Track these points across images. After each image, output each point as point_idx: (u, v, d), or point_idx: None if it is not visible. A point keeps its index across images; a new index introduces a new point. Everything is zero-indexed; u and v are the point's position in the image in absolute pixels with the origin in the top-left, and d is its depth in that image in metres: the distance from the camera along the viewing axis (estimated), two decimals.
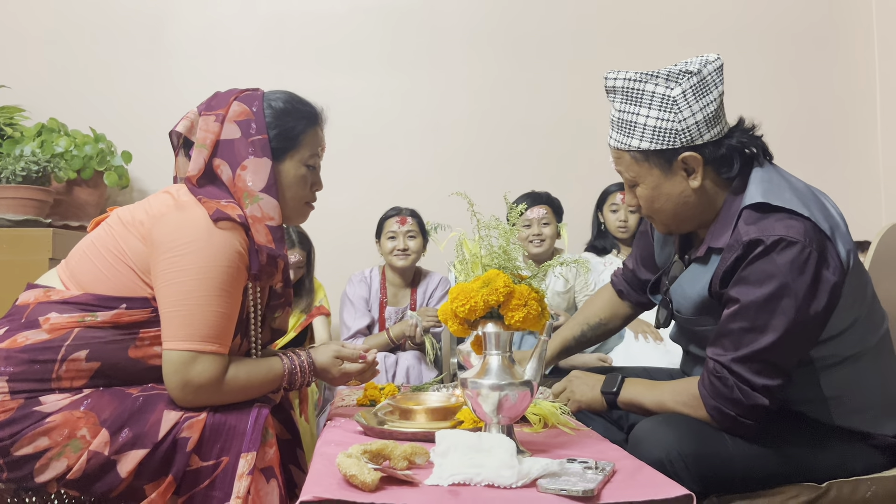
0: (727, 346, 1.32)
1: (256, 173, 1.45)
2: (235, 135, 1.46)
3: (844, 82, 3.72)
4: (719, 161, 1.40)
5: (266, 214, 1.44)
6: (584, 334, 1.86)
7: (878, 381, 1.42)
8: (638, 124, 1.39)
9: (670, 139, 1.37)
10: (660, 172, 1.41)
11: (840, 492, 1.36)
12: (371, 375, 1.62)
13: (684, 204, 1.43)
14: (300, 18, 3.49)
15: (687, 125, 1.36)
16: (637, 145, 1.40)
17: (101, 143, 3.03)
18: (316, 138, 1.55)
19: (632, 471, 1.16)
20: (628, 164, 1.43)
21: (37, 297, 1.40)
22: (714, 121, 1.38)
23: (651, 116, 1.37)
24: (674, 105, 1.35)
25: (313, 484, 1.04)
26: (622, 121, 1.41)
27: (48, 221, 2.80)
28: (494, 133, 3.55)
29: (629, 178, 1.45)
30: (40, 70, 3.34)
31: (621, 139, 1.42)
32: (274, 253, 1.43)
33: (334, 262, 3.26)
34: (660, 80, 1.37)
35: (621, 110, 1.41)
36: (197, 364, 1.32)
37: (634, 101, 1.39)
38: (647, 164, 1.41)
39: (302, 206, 1.55)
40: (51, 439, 1.29)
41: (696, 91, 1.35)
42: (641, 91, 1.38)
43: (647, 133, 1.38)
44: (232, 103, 1.48)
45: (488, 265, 1.29)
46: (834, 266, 1.29)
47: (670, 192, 1.42)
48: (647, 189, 1.44)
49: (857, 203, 3.64)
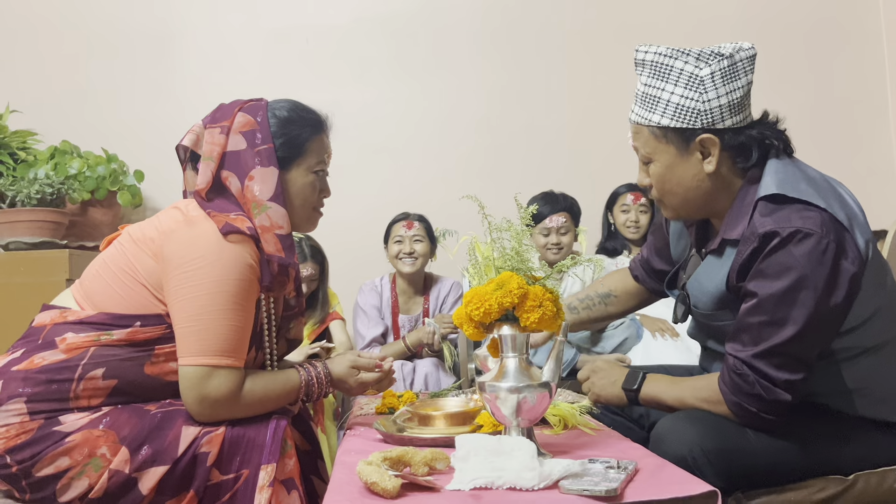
0: (746, 341, 1.31)
1: (264, 182, 1.45)
2: (241, 146, 1.47)
3: (855, 70, 3.69)
4: (737, 149, 1.38)
5: (275, 223, 1.44)
6: (589, 297, 1.82)
7: None
8: (662, 100, 1.37)
9: (691, 118, 1.36)
10: (676, 151, 1.40)
11: (867, 483, 1.34)
12: (388, 384, 1.62)
13: (696, 188, 1.41)
14: (304, 31, 3.51)
15: (710, 107, 1.35)
16: (657, 121, 1.38)
17: (113, 164, 3.07)
18: (322, 145, 1.55)
19: (654, 469, 1.15)
20: (646, 139, 1.42)
21: (53, 318, 1.41)
22: (738, 108, 1.37)
23: (676, 93, 1.36)
24: (700, 85, 1.34)
25: (335, 493, 1.04)
26: (646, 95, 1.40)
27: (64, 243, 2.83)
28: (502, 137, 3.55)
29: (644, 154, 1.44)
30: (51, 93, 3.38)
31: (643, 113, 1.41)
32: (284, 262, 1.43)
33: (346, 272, 3.27)
34: (690, 58, 1.36)
35: (647, 84, 1.40)
36: (213, 379, 1.33)
37: (662, 76, 1.37)
38: (664, 141, 1.40)
39: (310, 212, 1.55)
40: (71, 459, 1.29)
41: (725, 75, 1.34)
42: (670, 67, 1.36)
43: (669, 109, 1.37)
44: (236, 114, 1.49)
45: (501, 267, 1.28)
46: (853, 256, 1.28)
47: (683, 173, 1.41)
48: (661, 167, 1.42)
49: (873, 192, 3.59)
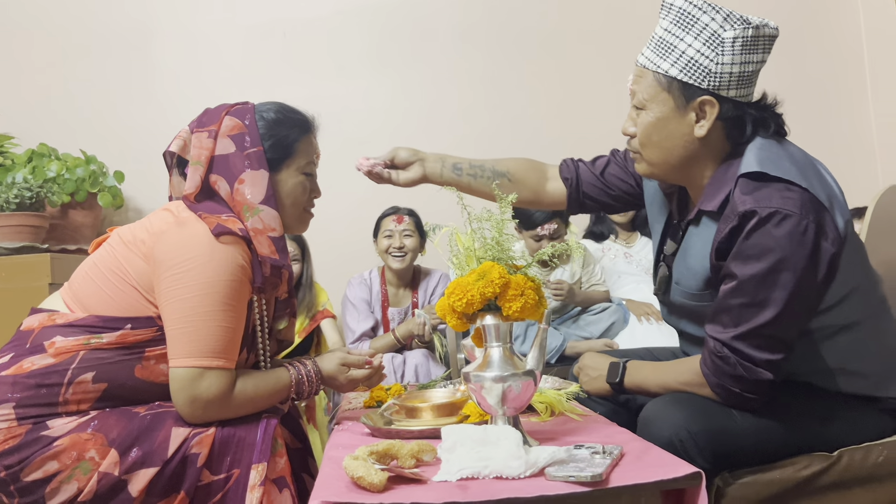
0: (727, 322, 1.31)
1: (254, 185, 1.45)
2: (230, 149, 1.46)
3: (833, 47, 3.71)
4: (732, 121, 1.37)
5: (267, 226, 1.44)
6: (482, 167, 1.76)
7: (879, 345, 1.42)
8: (677, 49, 1.35)
9: (700, 77, 1.34)
10: (674, 105, 1.37)
11: (852, 459, 1.36)
12: (378, 380, 1.63)
13: (682, 148, 1.40)
14: (283, 25, 3.48)
15: (721, 70, 1.33)
16: (666, 69, 1.36)
17: (92, 165, 3.04)
18: (310, 146, 1.55)
19: (640, 453, 1.16)
20: (648, 84, 1.39)
21: (41, 321, 1.40)
22: (746, 82, 1.36)
23: (693, 47, 1.33)
24: (720, 45, 1.32)
25: (322, 488, 1.04)
26: (663, 41, 1.37)
27: (45, 247, 2.81)
28: (485, 128, 3.55)
29: (641, 99, 1.41)
30: (28, 96, 3.34)
31: (653, 58, 1.38)
32: (278, 263, 1.43)
33: (334, 266, 3.26)
34: (718, 16, 1.33)
35: (667, 30, 1.37)
36: (204, 380, 1.32)
37: (685, 25, 1.34)
38: (666, 91, 1.37)
39: (301, 213, 1.55)
40: (60, 463, 1.29)
41: (746, 44, 1.32)
42: (696, 19, 1.33)
43: (681, 61, 1.35)
44: (224, 118, 1.48)
45: (482, 258, 1.28)
46: (832, 237, 1.28)
47: (674, 129, 1.39)
48: (653, 117, 1.40)
49: (853, 168, 3.63)
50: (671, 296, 1.52)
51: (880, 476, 1.36)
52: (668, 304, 1.57)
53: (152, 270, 1.38)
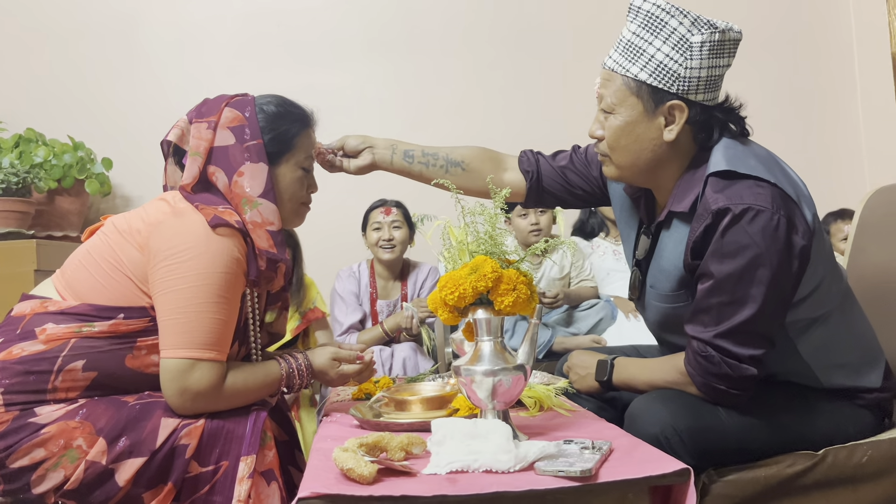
0: (707, 321, 1.32)
1: (254, 178, 1.44)
2: (229, 141, 1.45)
3: (823, 50, 3.73)
4: (700, 125, 1.38)
5: (266, 219, 1.43)
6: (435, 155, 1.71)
7: (849, 335, 1.44)
8: (646, 53, 1.35)
9: (670, 81, 1.34)
10: (643, 109, 1.37)
11: (836, 458, 1.37)
12: (368, 375, 1.63)
13: (650, 151, 1.40)
14: (275, 15, 3.46)
15: (690, 75, 1.33)
16: (636, 73, 1.36)
17: (80, 151, 3.00)
18: (309, 140, 1.55)
19: (629, 448, 1.16)
20: (617, 88, 1.39)
21: (33, 307, 1.39)
22: (713, 86, 1.36)
23: (662, 51, 1.33)
24: (688, 50, 1.32)
25: (311, 480, 1.04)
26: (631, 44, 1.37)
27: (31, 233, 2.78)
28: (478, 121, 3.54)
29: (609, 103, 1.40)
30: (14, 80, 3.30)
31: (622, 62, 1.38)
32: (275, 257, 1.43)
33: (322, 258, 3.24)
34: (685, 20, 1.33)
35: (636, 33, 1.36)
36: (195, 371, 1.32)
37: (653, 29, 1.34)
38: (635, 95, 1.37)
39: (298, 207, 1.55)
40: (46, 450, 1.28)
41: (713, 48, 1.32)
42: (665, 23, 1.33)
43: (650, 65, 1.35)
44: (223, 110, 1.47)
45: (475, 251, 1.28)
46: (803, 230, 1.30)
47: (643, 133, 1.39)
48: (621, 121, 1.39)
49: (840, 171, 3.66)
50: (646, 299, 1.53)
51: (864, 475, 1.38)
52: (642, 309, 1.58)
53: (147, 260, 1.37)
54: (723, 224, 1.28)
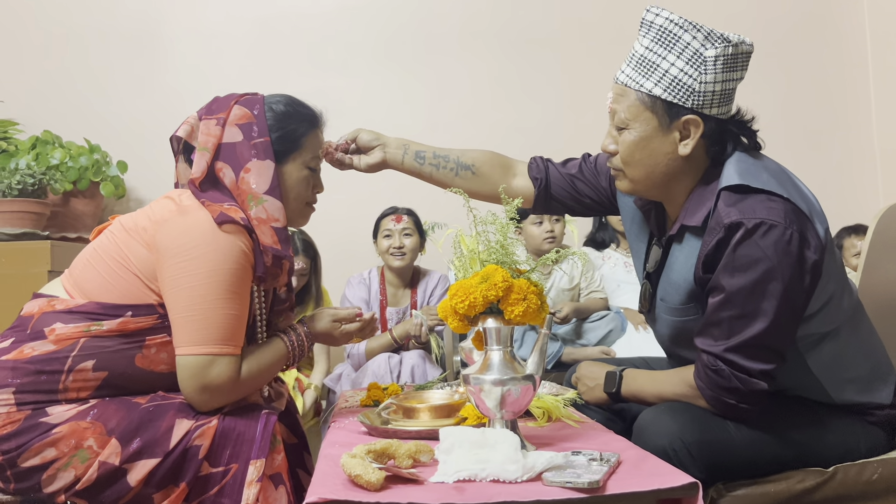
0: (717, 335, 1.32)
1: (260, 176, 1.45)
2: (237, 138, 1.47)
3: (837, 63, 3.72)
4: (714, 139, 1.38)
5: (271, 216, 1.44)
6: (445, 157, 1.70)
7: (859, 350, 1.43)
8: (660, 68, 1.34)
9: (685, 96, 1.34)
10: (657, 125, 1.37)
11: (846, 475, 1.36)
12: (371, 332, 1.65)
13: (665, 166, 1.39)
14: (290, 20, 3.49)
15: (705, 89, 1.33)
16: (650, 88, 1.35)
17: (96, 154, 3.04)
18: (317, 140, 1.56)
19: (637, 461, 1.16)
20: (630, 104, 1.38)
21: (41, 307, 1.40)
22: (726, 99, 1.36)
23: (676, 66, 1.33)
24: (702, 64, 1.32)
25: (318, 485, 1.04)
26: (644, 59, 1.36)
27: (46, 234, 2.80)
28: (490, 130, 3.55)
29: (623, 118, 1.40)
30: (33, 83, 3.34)
31: (635, 77, 1.37)
32: (280, 254, 1.44)
33: (334, 265, 3.26)
34: (699, 35, 1.32)
35: (649, 48, 1.36)
36: (214, 367, 1.33)
37: (667, 44, 1.34)
38: (650, 110, 1.37)
39: (303, 207, 1.56)
40: (57, 450, 1.29)
41: (727, 62, 1.32)
42: (678, 38, 1.33)
43: (665, 80, 1.34)
44: (233, 107, 1.49)
45: (486, 260, 1.29)
46: (815, 245, 1.30)
47: (657, 148, 1.38)
48: (636, 136, 1.39)
49: (854, 187, 3.65)
50: (656, 312, 1.52)
51: (874, 493, 1.37)
52: (652, 322, 1.57)
53: (155, 259, 1.38)
54: (735, 238, 1.28)
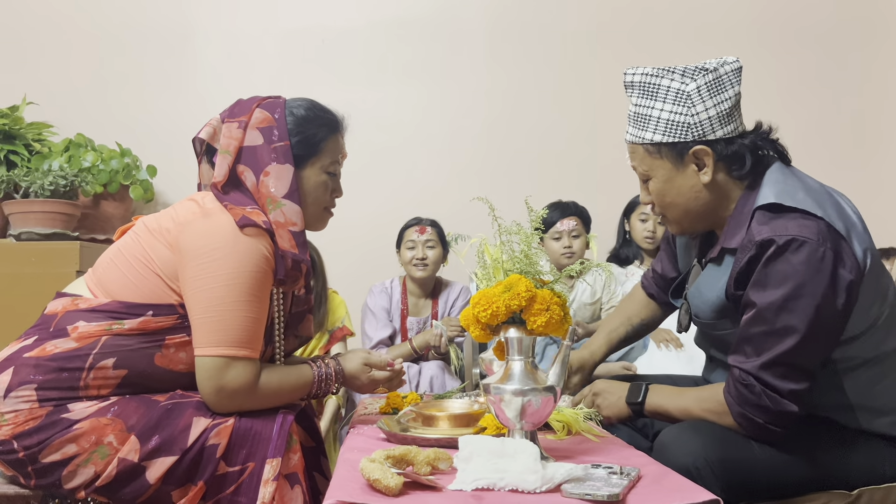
0: (749, 352, 1.31)
1: (279, 179, 1.46)
2: (258, 141, 1.48)
3: (866, 84, 3.67)
4: (730, 158, 1.40)
5: (289, 220, 1.46)
6: (627, 334, 1.86)
7: None
8: (652, 117, 1.41)
9: (682, 132, 1.39)
10: (671, 166, 1.42)
11: (871, 499, 1.34)
12: (398, 384, 1.64)
13: (696, 199, 1.44)
14: (320, 33, 3.53)
15: (699, 119, 1.38)
16: (650, 138, 1.42)
17: (126, 158, 3.08)
18: (337, 145, 1.57)
19: (657, 476, 1.15)
20: (642, 157, 1.45)
21: (65, 305, 1.42)
22: (728, 118, 1.39)
23: (665, 110, 1.39)
24: (687, 99, 1.38)
25: (337, 488, 1.04)
26: (638, 115, 1.44)
27: (75, 235, 2.85)
28: (514, 141, 3.56)
29: (642, 171, 1.47)
30: (67, 87, 3.40)
31: (636, 133, 1.45)
32: (298, 258, 1.45)
33: (355, 273, 3.27)
34: (675, 75, 1.39)
35: (637, 104, 1.44)
36: (231, 369, 1.34)
37: (650, 95, 1.41)
38: (659, 156, 1.43)
39: (321, 212, 1.57)
40: (78, 446, 1.31)
41: (711, 88, 1.37)
42: (657, 86, 1.40)
43: (660, 126, 1.40)
44: (254, 110, 1.51)
45: (510, 270, 1.29)
46: (850, 265, 1.28)
47: (681, 185, 1.43)
48: (659, 182, 1.45)
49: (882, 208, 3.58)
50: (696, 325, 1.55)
51: None
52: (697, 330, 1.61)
53: (177, 260, 1.39)
54: (767, 255, 1.28)
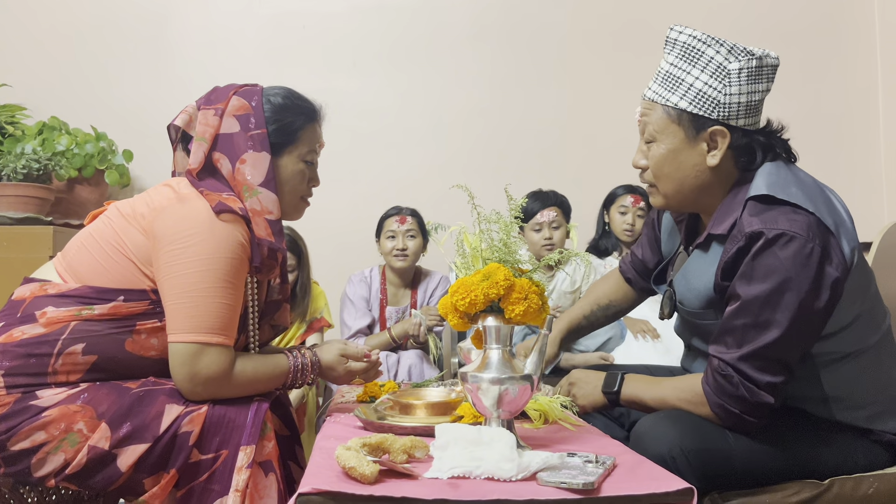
0: (730, 343, 1.32)
1: (255, 167, 1.45)
2: (234, 129, 1.47)
3: (846, 80, 3.71)
4: (742, 149, 1.40)
5: (265, 208, 1.44)
6: (594, 314, 1.84)
7: (879, 378, 1.41)
8: (685, 83, 1.38)
9: (710, 108, 1.37)
10: (684, 137, 1.40)
11: (842, 488, 1.35)
12: (375, 375, 1.64)
13: (694, 178, 1.42)
14: (300, 18, 3.49)
15: (730, 101, 1.36)
16: (676, 102, 1.39)
17: (102, 142, 3.04)
18: (314, 134, 1.55)
19: (632, 465, 1.15)
20: (658, 117, 1.42)
21: (33, 291, 1.40)
22: (753, 110, 1.39)
23: (700, 79, 1.37)
24: (726, 77, 1.35)
25: (312, 476, 1.04)
26: (670, 75, 1.41)
27: (49, 219, 2.81)
28: (495, 130, 3.55)
29: (651, 132, 1.44)
30: (42, 68, 3.34)
31: (662, 92, 1.42)
32: (274, 246, 1.44)
33: (333, 261, 3.25)
34: (722, 49, 1.36)
35: (673, 64, 1.41)
36: (204, 356, 1.32)
37: (691, 59, 1.38)
38: (676, 123, 1.40)
39: (298, 201, 1.56)
40: (47, 433, 1.29)
41: (751, 74, 1.36)
42: (701, 52, 1.37)
43: (690, 93, 1.38)
44: (231, 98, 1.49)
45: (489, 259, 1.28)
46: (837, 261, 1.29)
47: (685, 160, 1.41)
48: (664, 149, 1.42)
49: (859, 203, 3.63)
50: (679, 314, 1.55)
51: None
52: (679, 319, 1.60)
53: (151, 245, 1.38)
54: (755, 248, 1.28)
